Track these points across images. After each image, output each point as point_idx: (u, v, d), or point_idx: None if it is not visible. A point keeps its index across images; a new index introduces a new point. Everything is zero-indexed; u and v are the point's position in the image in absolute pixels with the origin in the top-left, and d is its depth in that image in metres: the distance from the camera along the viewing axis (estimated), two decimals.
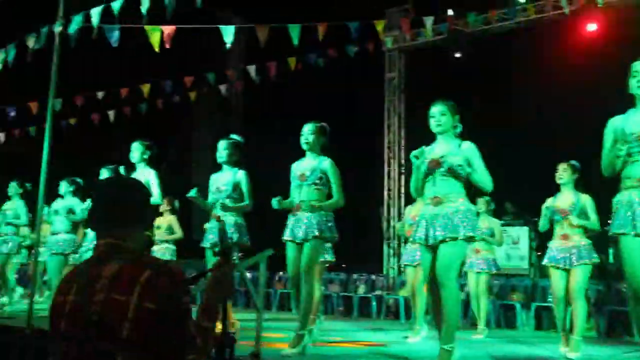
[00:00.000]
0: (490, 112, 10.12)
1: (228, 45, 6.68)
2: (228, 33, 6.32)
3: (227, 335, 1.95)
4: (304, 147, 4.50)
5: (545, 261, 5.19)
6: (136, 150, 5.42)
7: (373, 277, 9.85)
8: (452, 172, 3.73)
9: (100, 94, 9.83)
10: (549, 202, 5.18)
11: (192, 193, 4.96)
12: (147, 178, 5.29)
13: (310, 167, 4.44)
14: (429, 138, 4.03)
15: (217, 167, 5.28)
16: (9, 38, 6.75)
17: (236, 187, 4.97)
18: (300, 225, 4.38)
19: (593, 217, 4.98)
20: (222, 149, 5.05)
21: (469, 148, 3.80)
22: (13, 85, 8.78)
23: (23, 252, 8.49)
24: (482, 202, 6.49)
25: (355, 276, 9.71)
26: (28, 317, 4.67)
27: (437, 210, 3.73)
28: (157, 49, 5.99)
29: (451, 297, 3.64)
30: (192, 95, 10.75)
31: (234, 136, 5.20)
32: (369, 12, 8.91)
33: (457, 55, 10.75)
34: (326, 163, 4.44)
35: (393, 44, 11.35)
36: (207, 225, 5.27)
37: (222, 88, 10.90)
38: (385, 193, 11.21)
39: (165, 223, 7.52)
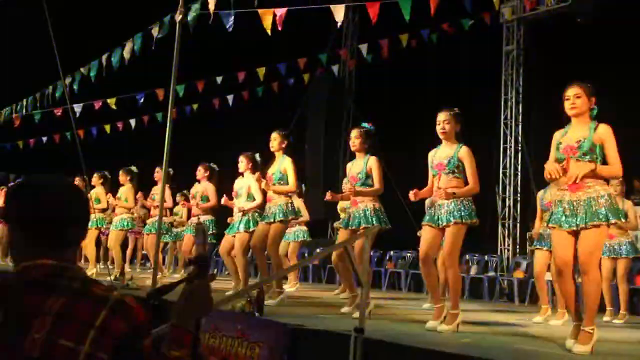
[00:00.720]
0: (620, 85, 9.35)
1: (339, 25, 6.73)
2: (338, 12, 6.35)
3: None
4: (441, 136, 4.52)
5: None
6: (274, 140, 5.74)
7: (486, 257, 9.58)
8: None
9: (219, 79, 10.30)
10: None
11: (328, 195, 5.40)
12: (284, 165, 5.65)
13: (447, 155, 4.47)
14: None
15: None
16: (135, 28, 7.25)
17: (368, 173, 5.13)
18: (440, 212, 4.41)
19: None
20: (354, 137, 5.24)
21: (604, 130, 3.68)
22: (141, 73, 9.38)
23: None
24: (615, 182, 6.07)
25: (467, 256, 9.49)
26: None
27: (577, 196, 3.66)
28: (269, 32, 6.17)
29: (594, 282, 3.65)
30: (306, 77, 10.95)
31: (365, 124, 5.34)
32: None
33: (582, 23, 10.03)
34: (463, 151, 4.44)
35: (511, 14, 10.83)
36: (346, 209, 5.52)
37: (335, 68, 11.00)
38: (501, 171, 10.79)
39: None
